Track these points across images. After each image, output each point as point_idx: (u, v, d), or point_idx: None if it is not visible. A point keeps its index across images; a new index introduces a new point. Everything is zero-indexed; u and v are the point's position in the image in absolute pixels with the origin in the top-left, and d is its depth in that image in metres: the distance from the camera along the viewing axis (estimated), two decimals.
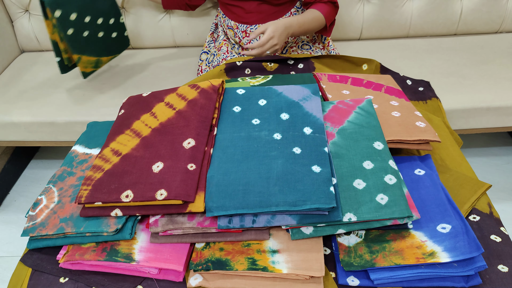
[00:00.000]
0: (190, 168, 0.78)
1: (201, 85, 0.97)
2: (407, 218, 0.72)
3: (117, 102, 1.57)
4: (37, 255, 0.80)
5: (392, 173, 0.78)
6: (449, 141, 1.02)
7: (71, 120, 1.58)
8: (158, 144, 0.84)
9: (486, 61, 1.66)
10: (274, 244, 0.74)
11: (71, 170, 0.91)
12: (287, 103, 0.94)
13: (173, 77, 1.76)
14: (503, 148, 1.96)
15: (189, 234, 0.75)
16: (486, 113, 1.49)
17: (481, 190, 0.85)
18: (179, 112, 0.90)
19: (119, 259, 0.73)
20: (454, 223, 0.73)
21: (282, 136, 0.85)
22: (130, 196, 0.74)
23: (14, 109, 1.62)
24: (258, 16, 1.36)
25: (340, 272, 0.71)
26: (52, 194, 0.85)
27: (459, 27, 1.86)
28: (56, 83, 1.75)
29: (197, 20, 1.89)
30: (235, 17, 1.38)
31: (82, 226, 0.76)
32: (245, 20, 1.38)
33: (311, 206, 0.70)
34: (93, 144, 0.97)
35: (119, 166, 0.81)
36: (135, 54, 1.96)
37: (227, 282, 0.71)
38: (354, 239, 0.74)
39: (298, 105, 0.93)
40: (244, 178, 0.76)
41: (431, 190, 0.81)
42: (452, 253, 0.69)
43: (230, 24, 1.43)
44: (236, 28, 1.40)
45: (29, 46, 2.02)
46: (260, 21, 1.38)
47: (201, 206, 0.73)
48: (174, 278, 0.73)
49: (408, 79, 1.27)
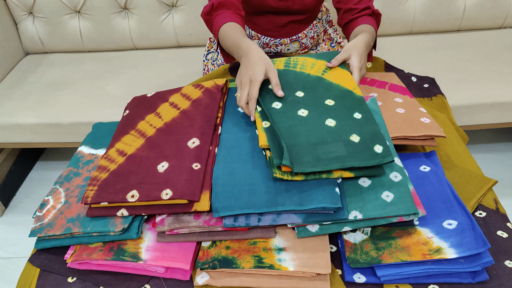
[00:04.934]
0: (195, 167, 0.78)
1: (205, 85, 0.97)
2: (413, 215, 0.72)
3: (122, 103, 1.57)
4: (45, 255, 0.80)
5: (397, 170, 0.78)
6: (454, 138, 1.02)
7: (76, 121, 1.59)
8: (163, 144, 0.84)
9: (490, 57, 1.65)
10: (280, 242, 0.74)
11: (77, 170, 0.91)
12: None
13: (177, 77, 1.76)
14: (508, 144, 1.95)
15: (195, 233, 0.75)
16: (490, 109, 1.49)
17: (487, 186, 0.85)
18: (184, 112, 0.91)
19: (126, 258, 0.74)
20: (460, 219, 0.73)
21: None
22: (136, 196, 0.74)
23: (19, 111, 1.63)
24: (283, 31, 1.34)
25: (347, 269, 0.71)
26: (59, 195, 0.85)
27: (463, 23, 1.85)
28: (61, 85, 1.76)
29: (199, 20, 1.89)
30: (258, 28, 1.33)
31: (89, 226, 0.76)
32: (270, 34, 1.34)
33: (317, 205, 0.70)
34: (98, 145, 0.98)
35: (125, 166, 0.81)
36: (139, 54, 1.97)
37: (234, 280, 0.71)
38: (360, 236, 0.74)
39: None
40: (249, 178, 0.76)
41: (437, 186, 0.81)
42: (459, 249, 0.68)
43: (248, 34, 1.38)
44: (257, 38, 1.37)
45: (34, 48, 2.03)
46: (284, 35, 1.35)
47: (206, 205, 0.73)
48: (181, 277, 0.73)
49: (413, 76, 1.27)
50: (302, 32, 1.36)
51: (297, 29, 1.35)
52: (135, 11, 1.90)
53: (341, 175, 0.74)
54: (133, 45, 1.99)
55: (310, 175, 0.73)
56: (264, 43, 1.37)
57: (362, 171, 0.75)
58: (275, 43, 1.36)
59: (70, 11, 1.92)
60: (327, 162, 0.73)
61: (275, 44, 1.36)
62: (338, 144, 0.76)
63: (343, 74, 0.96)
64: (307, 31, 1.37)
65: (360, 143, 0.77)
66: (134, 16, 1.91)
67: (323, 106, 0.87)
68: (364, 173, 0.75)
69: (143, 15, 1.90)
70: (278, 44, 1.37)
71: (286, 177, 0.73)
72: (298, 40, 1.37)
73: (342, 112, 0.85)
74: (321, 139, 0.78)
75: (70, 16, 1.93)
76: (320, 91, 0.92)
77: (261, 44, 1.38)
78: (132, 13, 1.91)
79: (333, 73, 0.96)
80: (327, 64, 0.98)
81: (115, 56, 1.97)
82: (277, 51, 1.40)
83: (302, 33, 1.37)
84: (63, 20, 1.93)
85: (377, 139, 0.77)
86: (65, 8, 1.90)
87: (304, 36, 1.37)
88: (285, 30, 1.34)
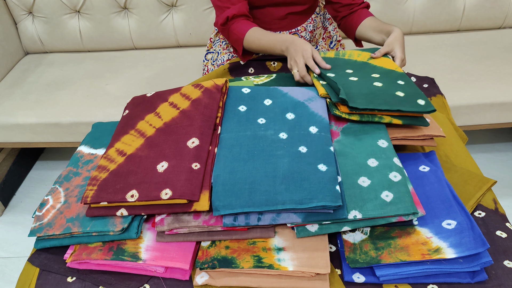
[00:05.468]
0: (195, 167, 0.78)
1: (205, 85, 0.97)
2: (412, 215, 0.72)
3: (121, 103, 1.57)
4: (44, 255, 0.80)
5: (397, 170, 0.78)
6: (453, 138, 1.02)
7: (75, 121, 1.59)
8: (162, 143, 0.84)
9: (489, 57, 1.65)
10: (279, 242, 0.74)
11: (76, 170, 0.91)
12: (292, 103, 0.94)
13: (176, 77, 1.76)
14: (508, 144, 1.95)
15: (195, 233, 0.75)
16: (490, 109, 1.49)
17: (486, 186, 0.85)
18: (183, 112, 0.91)
19: (125, 258, 0.74)
20: (459, 219, 0.73)
21: (288, 136, 0.85)
22: (135, 196, 0.75)
23: (19, 111, 1.63)
24: (282, 23, 1.36)
25: (346, 269, 0.72)
26: (59, 195, 0.85)
27: (462, 23, 1.85)
28: (60, 85, 1.76)
29: (199, 20, 1.89)
30: (257, 22, 1.36)
31: (88, 226, 0.76)
32: (269, 26, 1.36)
33: (318, 204, 0.70)
34: (98, 145, 0.98)
35: (124, 166, 0.81)
36: (138, 54, 1.97)
37: (233, 280, 0.71)
38: (360, 236, 0.75)
39: (304, 105, 0.93)
40: (250, 177, 0.76)
41: (436, 186, 0.81)
42: (458, 249, 0.68)
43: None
44: None
45: (33, 48, 2.03)
46: (284, 28, 1.37)
47: (206, 205, 0.73)
48: (180, 277, 0.73)
49: (413, 76, 1.27)
50: (301, 25, 1.38)
51: (296, 22, 1.38)
52: (134, 11, 1.90)
53: (391, 121, 0.87)
54: (132, 45, 2.00)
55: (364, 116, 0.87)
56: None
57: (408, 119, 0.87)
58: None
59: (70, 10, 1.92)
60: (377, 104, 0.86)
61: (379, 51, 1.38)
62: (387, 95, 0.90)
63: (386, 60, 1.08)
64: (306, 25, 1.39)
65: (405, 97, 0.89)
66: (134, 16, 1.91)
67: (371, 77, 0.98)
68: (410, 122, 0.87)
69: (142, 15, 1.90)
70: None
71: (344, 115, 0.88)
72: (297, 33, 1.38)
73: (387, 80, 0.97)
74: (371, 91, 0.91)
75: (70, 15, 1.93)
76: (366, 69, 1.03)
77: None
78: (131, 13, 1.91)
79: (377, 60, 1.08)
80: (371, 55, 1.10)
81: (114, 56, 1.97)
82: None
83: (301, 26, 1.38)
84: (63, 20, 1.93)
85: (419, 95, 0.90)
86: (64, 7, 1.90)
87: (303, 30, 1.39)
88: (285, 22, 1.36)
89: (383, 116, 0.88)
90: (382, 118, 0.87)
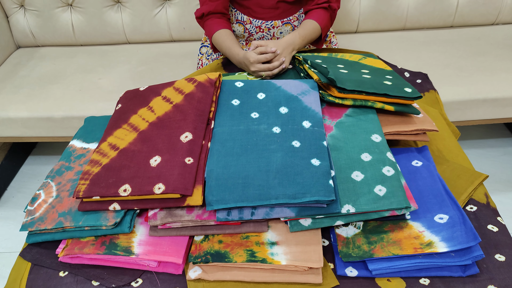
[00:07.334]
0: (188, 161, 0.78)
1: (198, 79, 0.96)
2: (405, 209, 0.72)
3: (114, 97, 1.56)
4: (36, 249, 0.80)
5: (390, 165, 0.78)
6: (446, 133, 1.02)
7: (68, 115, 1.58)
8: (155, 138, 0.84)
9: (482, 53, 1.66)
10: (272, 236, 0.74)
11: (69, 164, 0.91)
12: (286, 97, 0.94)
13: (170, 71, 1.75)
14: (500, 139, 1.97)
15: (188, 227, 0.75)
16: (482, 104, 1.50)
17: (478, 180, 0.86)
18: (176, 106, 0.90)
19: (118, 252, 0.74)
20: (451, 213, 0.74)
21: (281, 130, 0.85)
22: (128, 190, 0.74)
23: (10, 105, 1.61)
24: (274, 13, 1.36)
25: (339, 263, 0.72)
26: (51, 189, 0.85)
27: (456, 19, 1.86)
28: (53, 79, 1.74)
29: (193, 14, 1.88)
30: (249, 12, 1.36)
31: (80, 220, 0.76)
32: (261, 16, 1.36)
33: (311, 198, 0.70)
34: (90, 139, 0.97)
35: (117, 160, 0.81)
36: (132, 48, 1.95)
37: (226, 274, 0.71)
38: (352, 230, 0.75)
39: (297, 99, 0.93)
40: (243, 172, 0.76)
41: (429, 181, 0.82)
42: (450, 243, 0.69)
43: (240, 19, 1.40)
44: (249, 23, 1.38)
45: (25, 42, 2.01)
46: (276, 17, 1.37)
47: (199, 199, 0.73)
48: (173, 271, 0.73)
49: (406, 71, 1.28)
50: (293, 15, 1.38)
51: (289, 12, 1.38)
52: (128, 5, 1.88)
53: (383, 107, 0.91)
54: (126, 39, 1.98)
55: (357, 101, 0.91)
56: (256, 27, 1.38)
57: (400, 106, 0.91)
58: (267, 26, 1.38)
59: (62, 4, 1.89)
60: (365, 88, 0.90)
61: (267, 27, 1.38)
62: (375, 82, 0.94)
63: (377, 61, 1.11)
64: (298, 14, 1.39)
65: (392, 85, 0.93)
66: (127, 9, 1.89)
67: (360, 71, 1.02)
68: (401, 109, 0.91)
69: (136, 8, 1.88)
70: (270, 27, 1.38)
71: (338, 100, 0.91)
72: (290, 22, 1.38)
73: (376, 74, 1.01)
74: (360, 79, 0.95)
75: (62, 9, 1.91)
76: (356, 66, 1.06)
77: (254, 28, 1.39)
78: (125, 6, 1.89)
79: (367, 60, 1.12)
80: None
81: (107, 50, 1.95)
82: (270, 34, 1.40)
83: (293, 16, 1.38)
84: (55, 13, 1.91)
85: (406, 85, 0.94)
86: (57, 1, 1.88)
87: (295, 19, 1.39)
88: (277, 12, 1.36)
89: (376, 102, 0.91)
90: (375, 103, 0.91)
